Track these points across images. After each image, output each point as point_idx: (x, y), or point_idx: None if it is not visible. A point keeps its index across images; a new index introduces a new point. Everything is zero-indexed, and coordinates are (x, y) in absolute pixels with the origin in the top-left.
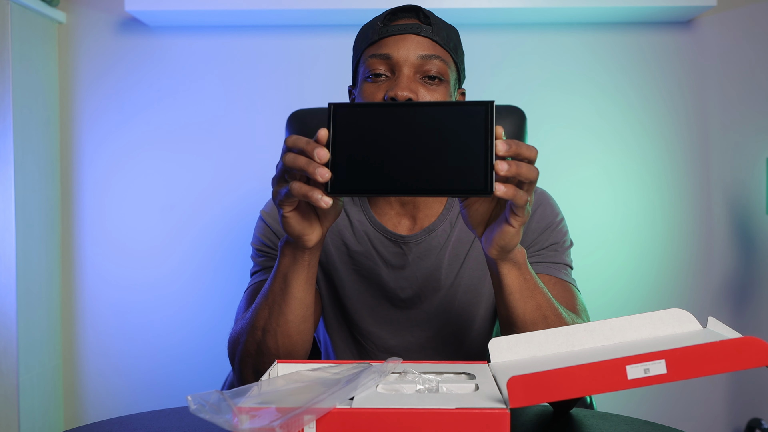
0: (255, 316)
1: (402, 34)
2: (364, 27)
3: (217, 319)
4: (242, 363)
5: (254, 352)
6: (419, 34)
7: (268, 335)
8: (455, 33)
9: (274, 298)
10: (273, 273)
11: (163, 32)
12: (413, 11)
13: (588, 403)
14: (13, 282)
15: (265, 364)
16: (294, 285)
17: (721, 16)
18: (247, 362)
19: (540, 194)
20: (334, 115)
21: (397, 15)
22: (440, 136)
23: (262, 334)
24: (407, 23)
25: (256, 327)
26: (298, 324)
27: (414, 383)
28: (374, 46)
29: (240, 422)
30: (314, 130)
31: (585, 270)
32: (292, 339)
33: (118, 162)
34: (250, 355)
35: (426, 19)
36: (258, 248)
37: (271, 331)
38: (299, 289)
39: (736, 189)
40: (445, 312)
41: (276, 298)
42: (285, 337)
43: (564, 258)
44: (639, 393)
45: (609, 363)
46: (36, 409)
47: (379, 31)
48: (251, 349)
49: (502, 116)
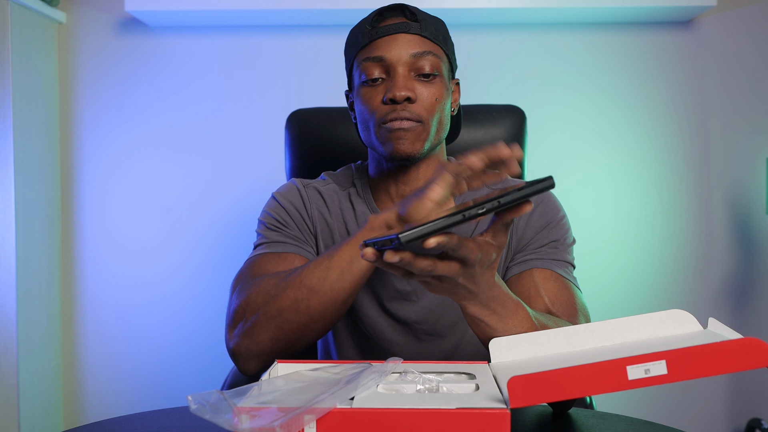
0: (303, 275)
1: (392, 35)
2: (353, 30)
3: (216, 318)
4: (259, 325)
5: (286, 308)
6: (408, 32)
7: (315, 296)
8: (442, 25)
9: (337, 264)
10: (344, 241)
11: (163, 32)
12: (399, 9)
13: (588, 403)
14: (13, 282)
15: (294, 325)
16: (356, 289)
17: (721, 16)
18: (268, 324)
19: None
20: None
21: (384, 15)
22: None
23: (309, 293)
24: (395, 23)
25: (304, 285)
26: (351, 290)
27: (414, 383)
28: (366, 49)
29: (240, 422)
30: (314, 130)
31: (585, 270)
32: (337, 304)
33: (118, 162)
34: (279, 313)
35: (413, 16)
36: (269, 222)
37: (322, 293)
38: (353, 296)
39: (736, 189)
40: (441, 308)
41: (341, 263)
42: (331, 302)
43: (565, 255)
44: (639, 393)
45: (609, 363)
46: (36, 409)
47: (369, 33)
48: (283, 305)
49: (502, 116)
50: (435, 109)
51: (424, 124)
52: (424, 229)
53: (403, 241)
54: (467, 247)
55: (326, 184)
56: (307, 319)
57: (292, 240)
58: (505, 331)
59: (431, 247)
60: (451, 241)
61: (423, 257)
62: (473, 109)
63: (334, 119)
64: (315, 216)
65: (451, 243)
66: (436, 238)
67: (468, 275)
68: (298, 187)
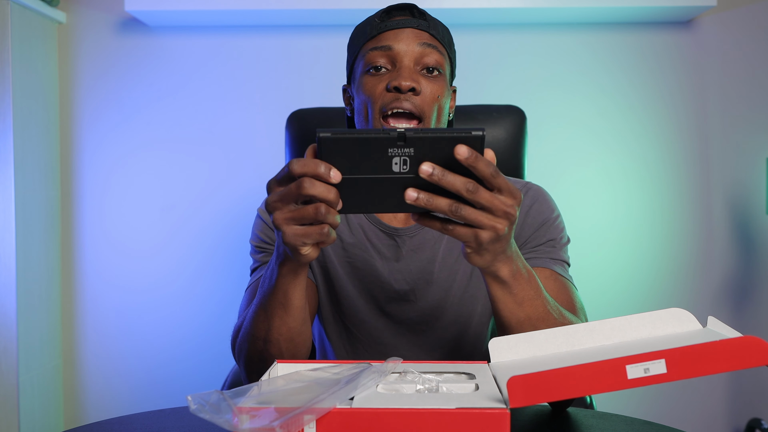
0: (253, 327)
1: (401, 28)
2: (359, 25)
3: (216, 318)
4: (247, 366)
5: (257, 359)
6: (417, 27)
7: (270, 345)
8: (448, 31)
9: (272, 311)
10: (267, 288)
11: (163, 32)
12: (407, 9)
13: (588, 403)
14: (13, 282)
15: (284, 345)
16: (294, 296)
17: (721, 16)
18: (251, 367)
19: (536, 191)
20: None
21: (392, 13)
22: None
23: (264, 344)
24: (404, 19)
25: (257, 338)
26: (299, 328)
27: (414, 383)
28: (373, 40)
29: (240, 422)
30: (314, 130)
31: (585, 270)
32: (294, 342)
33: (118, 162)
34: (253, 362)
35: (421, 15)
36: (257, 245)
37: (273, 340)
38: (299, 298)
39: (736, 189)
40: (440, 307)
41: (275, 310)
42: (288, 343)
43: (561, 254)
44: (639, 393)
45: (609, 363)
46: (36, 409)
47: (378, 26)
48: (254, 357)
49: (502, 116)
50: (435, 105)
51: (424, 122)
52: (345, 132)
53: (320, 135)
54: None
55: None
56: (281, 356)
57: None
58: (525, 301)
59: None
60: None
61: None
62: (473, 109)
63: (335, 119)
64: None
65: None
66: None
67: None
68: None
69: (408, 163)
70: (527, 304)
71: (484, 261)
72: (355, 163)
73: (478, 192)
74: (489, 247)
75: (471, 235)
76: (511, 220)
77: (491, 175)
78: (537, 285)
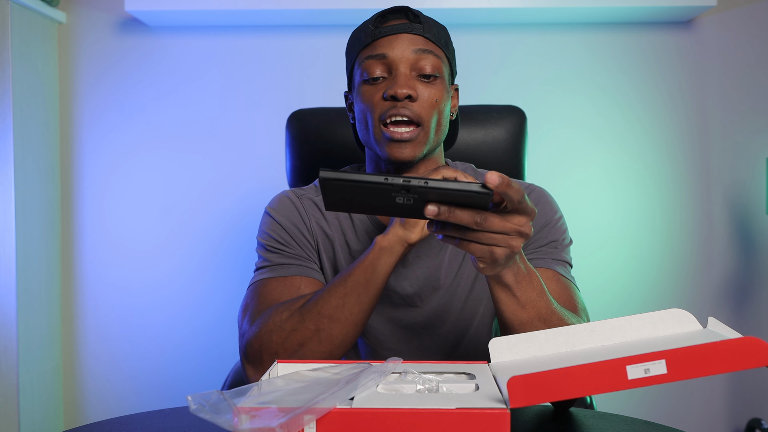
0: (319, 304)
1: (395, 34)
2: (355, 31)
3: (217, 319)
4: (278, 355)
5: (307, 340)
6: (411, 32)
7: (336, 323)
8: (445, 30)
9: (353, 288)
10: (355, 265)
11: (163, 32)
12: (402, 12)
13: (588, 403)
14: (13, 282)
15: (318, 354)
16: (384, 276)
17: (721, 16)
18: (291, 358)
19: (539, 192)
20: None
21: (387, 17)
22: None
23: (329, 321)
24: (398, 23)
25: (322, 314)
26: (369, 312)
27: (414, 383)
28: (368, 48)
29: (240, 422)
30: (314, 130)
31: (585, 270)
32: (358, 327)
33: (118, 162)
34: (301, 346)
35: (416, 18)
36: (268, 244)
37: (342, 319)
38: (386, 279)
39: (736, 189)
40: (444, 311)
41: (356, 288)
42: (353, 326)
43: (563, 255)
44: (639, 393)
45: (609, 363)
46: (36, 409)
47: (372, 33)
48: (304, 337)
49: (502, 116)
50: (434, 110)
51: (423, 127)
52: (345, 175)
53: (322, 177)
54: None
55: (320, 193)
56: (330, 347)
57: (295, 260)
58: (529, 303)
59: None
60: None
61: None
62: (473, 110)
63: (335, 119)
64: (315, 230)
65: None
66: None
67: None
68: (293, 200)
69: (412, 200)
70: (530, 305)
71: (495, 272)
72: (356, 201)
73: (488, 221)
74: (503, 262)
75: (487, 252)
76: (525, 237)
77: (518, 202)
78: (540, 286)
